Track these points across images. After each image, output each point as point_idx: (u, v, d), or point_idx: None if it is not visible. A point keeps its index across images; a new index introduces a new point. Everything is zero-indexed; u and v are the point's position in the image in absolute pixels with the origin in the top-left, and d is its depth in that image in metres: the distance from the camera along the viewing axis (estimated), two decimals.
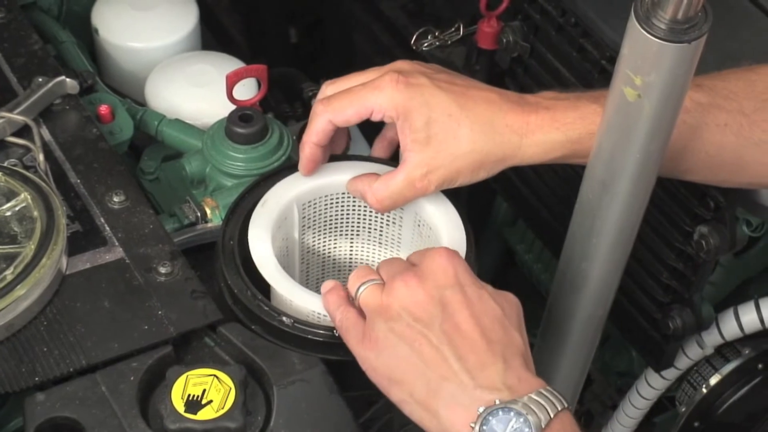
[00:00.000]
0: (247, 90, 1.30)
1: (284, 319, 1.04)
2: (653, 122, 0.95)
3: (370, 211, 1.17)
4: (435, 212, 1.12)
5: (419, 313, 0.94)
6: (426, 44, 1.46)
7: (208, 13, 1.63)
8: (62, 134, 1.20)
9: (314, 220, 1.17)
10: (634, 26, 0.90)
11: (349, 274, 1.02)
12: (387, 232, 1.18)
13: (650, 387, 1.40)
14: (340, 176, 1.14)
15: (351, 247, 1.20)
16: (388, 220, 1.17)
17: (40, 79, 1.22)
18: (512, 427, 0.89)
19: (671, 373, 1.37)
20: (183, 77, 1.38)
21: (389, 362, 0.95)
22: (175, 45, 1.45)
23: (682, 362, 1.36)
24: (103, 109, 1.26)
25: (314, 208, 1.15)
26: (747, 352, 1.36)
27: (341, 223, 1.18)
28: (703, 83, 1.04)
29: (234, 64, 1.40)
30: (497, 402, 0.90)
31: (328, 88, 1.11)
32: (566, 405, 0.91)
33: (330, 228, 1.18)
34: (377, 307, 0.97)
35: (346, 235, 1.19)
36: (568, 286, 1.15)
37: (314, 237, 1.18)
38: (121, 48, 1.45)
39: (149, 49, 1.44)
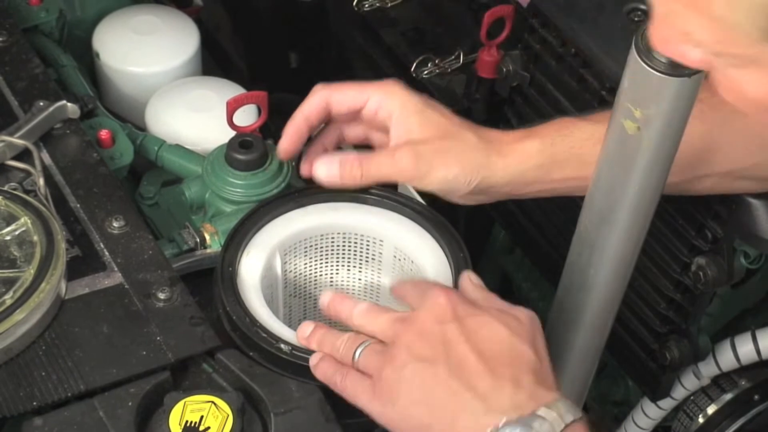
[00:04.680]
0: (248, 116, 1.30)
1: (282, 346, 1.04)
2: (652, 155, 0.95)
3: (348, 249, 1.17)
4: (416, 246, 1.14)
5: (424, 354, 0.96)
6: (426, 72, 1.47)
7: (209, 38, 1.63)
8: (63, 159, 1.20)
9: (295, 265, 1.17)
10: (634, 59, 0.90)
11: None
12: (366, 269, 1.19)
13: (646, 417, 1.40)
14: (317, 218, 1.16)
15: (331, 283, 1.21)
16: (367, 257, 1.18)
17: (41, 103, 1.22)
18: None
19: (667, 403, 1.37)
20: (183, 102, 1.39)
21: (406, 410, 0.96)
22: (176, 70, 1.46)
23: (679, 392, 1.36)
24: (104, 133, 1.26)
25: (294, 253, 1.16)
26: (743, 383, 1.36)
27: (323, 260, 1.19)
28: None
29: (234, 89, 1.40)
30: (502, 423, 0.91)
31: None
32: (578, 416, 0.92)
33: (309, 271, 1.19)
34: (382, 361, 0.98)
35: (325, 276, 1.20)
36: (565, 315, 1.15)
37: (295, 281, 1.19)
38: (122, 72, 1.45)
39: (150, 73, 1.45)
